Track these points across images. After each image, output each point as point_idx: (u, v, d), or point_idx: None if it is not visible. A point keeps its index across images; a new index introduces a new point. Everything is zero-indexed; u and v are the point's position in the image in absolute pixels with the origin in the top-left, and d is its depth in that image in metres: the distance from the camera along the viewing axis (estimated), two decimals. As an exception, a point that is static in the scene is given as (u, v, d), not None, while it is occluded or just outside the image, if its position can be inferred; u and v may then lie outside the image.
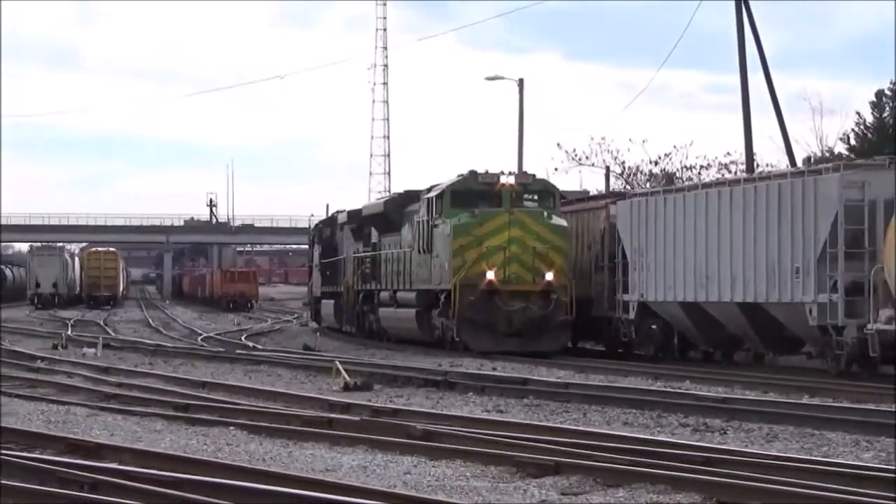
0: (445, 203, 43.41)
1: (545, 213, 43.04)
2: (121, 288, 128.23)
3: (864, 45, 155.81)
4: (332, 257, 61.60)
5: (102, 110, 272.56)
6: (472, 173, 44.54)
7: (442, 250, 43.08)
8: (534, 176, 46.25)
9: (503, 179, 43.55)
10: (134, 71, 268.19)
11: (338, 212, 63.85)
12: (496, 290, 41.38)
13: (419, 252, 45.08)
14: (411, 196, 48.74)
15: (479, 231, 42.15)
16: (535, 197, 43.88)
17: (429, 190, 45.45)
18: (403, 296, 47.46)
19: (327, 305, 61.80)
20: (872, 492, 14.01)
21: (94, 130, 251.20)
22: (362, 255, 53.94)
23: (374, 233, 52.54)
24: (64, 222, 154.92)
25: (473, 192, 43.52)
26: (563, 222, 43.41)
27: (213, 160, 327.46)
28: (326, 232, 64.17)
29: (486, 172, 44.59)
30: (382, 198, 54.53)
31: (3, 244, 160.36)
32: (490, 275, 41.37)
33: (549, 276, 41.57)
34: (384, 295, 50.05)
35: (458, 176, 45.31)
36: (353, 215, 57.21)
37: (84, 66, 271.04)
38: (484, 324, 41.37)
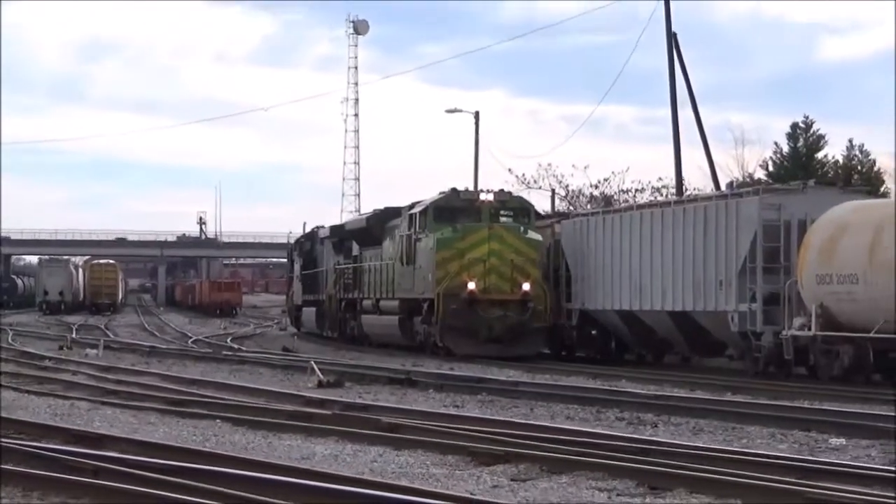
0: (429, 218, 42.72)
1: (521, 228, 42.42)
2: (120, 296, 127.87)
3: (780, 84, 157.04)
4: (313, 269, 60.98)
5: (104, 139, 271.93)
6: (454, 191, 43.97)
7: (425, 262, 42.40)
8: (510, 194, 45.73)
9: (483, 196, 43.07)
10: (133, 103, 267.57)
11: (317, 227, 63.46)
12: (477, 299, 40.72)
13: (402, 263, 44.26)
14: (391, 212, 48.07)
15: (461, 244, 41.50)
16: (511, 213, 43.16)
17: (411, 206, 44.75)
18: (386, 304, 46.70)
19: (308, 313, 61.10)
20: (785, 478, 14.07)
21: (98, 156, 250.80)
22: (344, 266, 53.21)
23: (356, 246, 51.79)
24: (69, 237, 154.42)
25: (455, 208, 42.81)
26: (538, 236, 42.80)
27: (203, 183, 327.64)
28: (307, 246, 63.50)
29: (467, 190, 44.37)
30: (364, 214, 53.66)
31: (15, 256, 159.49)
32: (471, 285, 40.69)
33: (526, 286, 40.96)
34: (367, 303, 49.35)
35: (440, 193, 44.57)
36: (336, 230, 56.73)
37: (89, 99, 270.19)
38: (465, 330, 40.70)
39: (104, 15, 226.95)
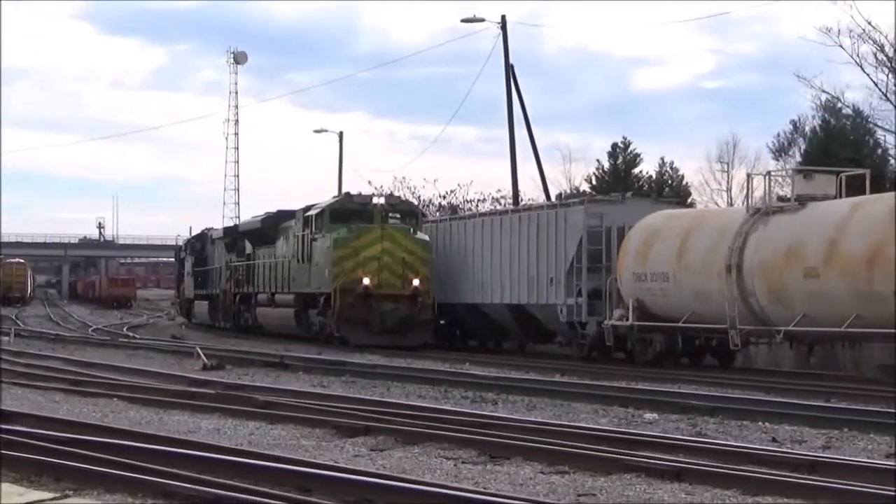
0: (325, 219, 41.40)
1: (411, 229, 41.14)
2: (28, 290, 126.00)
3: (601, 109, 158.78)
4: (204, 266, 59.66)
5: (15, 154, 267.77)
6: (348, 195, 43.04)
7: (322, 259, 41.10)
8: (399, 198, 44.72)
9: (375, 200, 42.01)
10: (40, 123, 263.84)
11: (207, 229, 62.50)
12: (371, 294, 39.43)
13: (298, 261, 43.04)
14: (284, 215, 47.02)
15: (356, 243, 40.05)
16: (399, 215, 41.76)
17: (306, 209, 43.43)
18: (282, 297, 45.41)
19: (201, 306, 59.81)
20: (607, 448, 14.18)
21: (9, 170, 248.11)
22: (238, 263, 51.83)
23: (249, 245, 50.54)
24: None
25: (349, 211, 41.41)
26: (426, 237, 41.53)
27: (102, 193, 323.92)
28: (198, 246, 62.04)
29: (360, 194, 43.08)
30: (258, 216, 51.42)
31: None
32: (366, 280, 39.44)
33: (416, 282, 39.63)
34: (262, 297, 48.04)
35: (334, 197, 43.74)
36: (229, 231, 55.42)
37: (3, 119, 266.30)
38: (360, 322, 39.33)
39: (13, 44, 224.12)
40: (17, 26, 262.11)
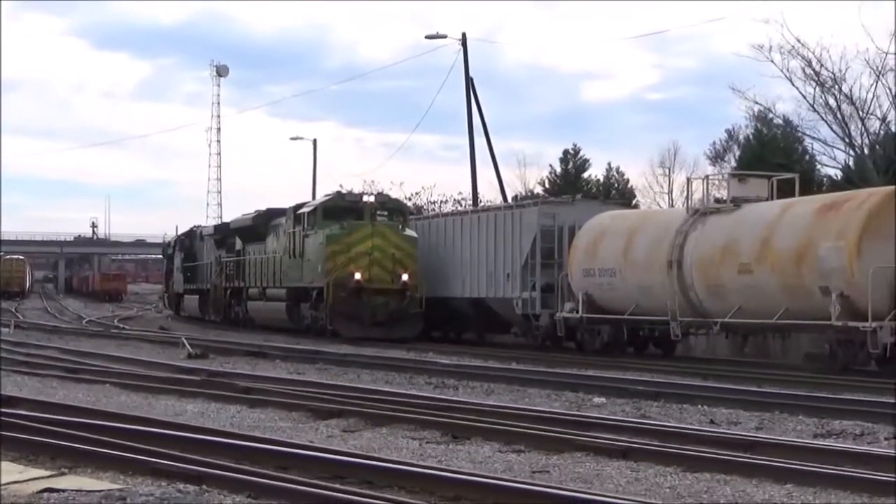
0: (318, 217, 39.93)
1: (400, 226, 39.63)
2: (27, 285, 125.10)
3: (553, 118, 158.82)
4: (193, 262, 58.20)
5: (14, 159, 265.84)
6: (339, 193, 41.78)
7: (314, 255, 39.63)
8: (388, 196, 42.77)
9: (366, 198, 40.63)
10: (36, 130, 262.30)
11: (196, 227, 61.53)
12: (362, 288, 37.91)
13: (290, 256, 41.57)
14: (275, 212, 45.80)
15: (348, 239, 38.54)
16: (387, 213, 40.03)
17: (297, 207, 42.20)
18: (273, 292, 43.95)
19: (190, 299, 58.28)
20: (559, 429, 14.21)
21: (8, 174, 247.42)
22: (229, 259, 50.41)
23: (239, 242, 48.99)
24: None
25: (340, 208, 39.97)
26: (414, 234, 40.07)
27: (95, 195, 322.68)
28: (187, 242, 60.57)
29: (351, 192, 41.63)
30: (249, 214, 49.57)
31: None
32: (358, 275, 37.87)
33: (405, 277, 38.15)
34: (253, 291, 46.49)
35: (326, 195, 42.41)
36: (220, 228, 53.79)
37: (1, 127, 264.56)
38: (352, 315, 37.85)
39: (11, 58, 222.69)
40: (15, 41, 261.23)
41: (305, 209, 41.38)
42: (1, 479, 10.46)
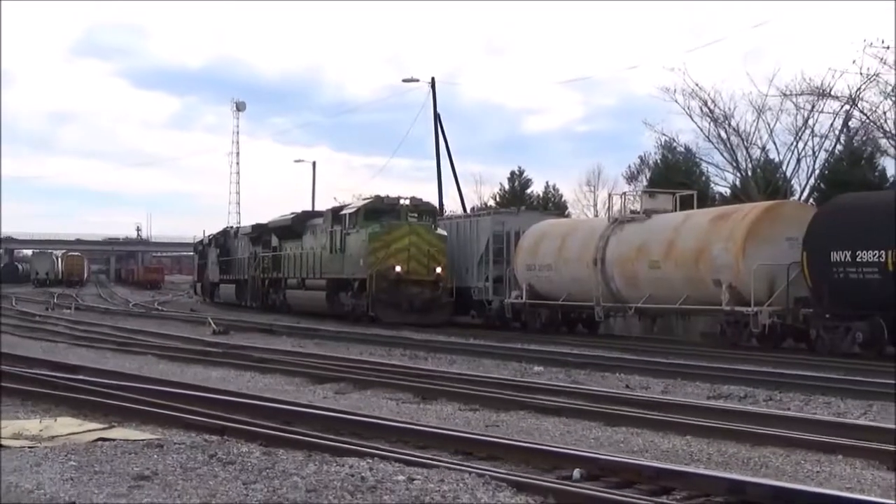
0: (360, 217, 37.38)
1: (433, 226, 37.05)
2: (85, 275, 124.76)
3: (501, 145, 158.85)
4: (228, 257, 55.50)
5: (70, 175, 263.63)
6: (378, 197, 39.05)
7: (356, 250, 37.10)
8: (421, 199, 39.04)
9: (402, 201, 37.54)
10: (86, 153, 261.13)
11: (229, 227, 59.82)
12: (401, 279, 35.49)
13: (330, 252, 38.98)
14: (311, 214, 43.92)
15: (388, 237, 36.04)
16: (419, 214, 37.08)
17: (338, 209, 39.82)
18: (312, 282, 41.03)
19: (226, 288, 54.87)
20: (507, 392, 14.24)
21: (65, 187, 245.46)
22: (266, 254, 47.41)
23: (275, 239, 46.07)
24: (52, 238, 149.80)
25: (380, 210, 37.26)
26: (445, 233, 37.39)
27: (138, 205, 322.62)
28: (222, 240, 57.90)
29: (388, 196, 38.78)
30: (287, 215, 45.91)
31: (16, 250, 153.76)
32: (397, 268, 35.50)
33: (439, 270, 35.65)
34: (292, 281, 43.53)
35: (366, 199, 39.95)
36: (257, 227, 50.25)
37: (57, 150, 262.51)
38: (391, 303, 35.47)
39: (68, 95, 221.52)
40: (72, 81, 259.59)
41: (347, 210, 38.99)
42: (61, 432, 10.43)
